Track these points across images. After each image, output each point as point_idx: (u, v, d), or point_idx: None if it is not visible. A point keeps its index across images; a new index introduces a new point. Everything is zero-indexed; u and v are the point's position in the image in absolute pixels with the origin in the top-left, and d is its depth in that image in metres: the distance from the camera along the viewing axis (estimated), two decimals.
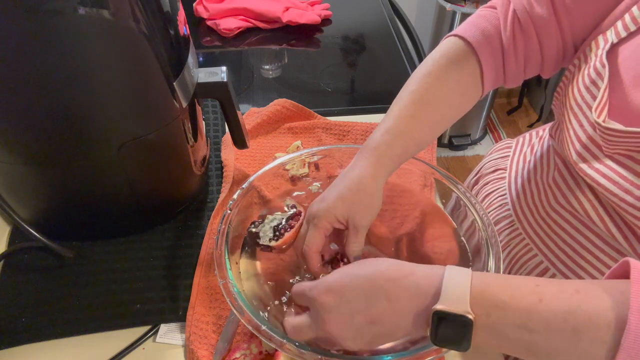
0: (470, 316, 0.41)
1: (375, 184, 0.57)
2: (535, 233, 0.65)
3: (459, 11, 1.93)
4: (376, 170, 0.57)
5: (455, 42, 0.60)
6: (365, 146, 0.58)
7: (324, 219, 0.55)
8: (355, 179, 0.56)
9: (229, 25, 1.14)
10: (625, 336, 0.35)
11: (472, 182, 0.86)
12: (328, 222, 0.55)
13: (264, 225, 0.64)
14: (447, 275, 0.43)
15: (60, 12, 0.45)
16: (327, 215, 0.55)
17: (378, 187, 0.57)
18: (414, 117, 0.58)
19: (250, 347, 0.57)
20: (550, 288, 0.40)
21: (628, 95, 0.48)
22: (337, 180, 0.58)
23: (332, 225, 0.56)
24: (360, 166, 0.57)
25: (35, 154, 0.56)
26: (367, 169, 0.56)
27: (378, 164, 0.57)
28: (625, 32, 0.50)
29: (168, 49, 0.56)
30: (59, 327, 0.59)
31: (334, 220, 0.55)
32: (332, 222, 0.55)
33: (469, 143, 2.29)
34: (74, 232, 0.69)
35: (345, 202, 0.55)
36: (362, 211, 0.56)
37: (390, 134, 0.57)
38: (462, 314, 0.41)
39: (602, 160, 0.51)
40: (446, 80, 0.59)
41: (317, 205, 0.56)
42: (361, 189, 0.56)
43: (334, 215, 0.55)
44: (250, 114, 0.89)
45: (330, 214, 0.55)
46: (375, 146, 0.57)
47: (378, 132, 0.58)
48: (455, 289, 0.42)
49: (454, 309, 0.41)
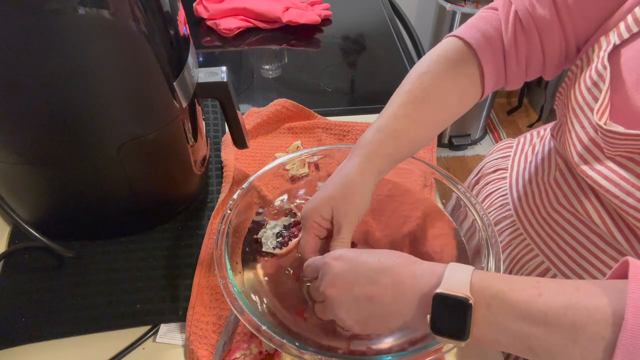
0: (470, 300, 0.41)
1: (362, 182, 0.56)
2: (536, 233, 0.64)
3: (459, 11, 1.93)
4: (364, 169, 0.56)
5: (454, 42, 0.60)
6: (357, 145, 0.58)
7: (310, 218, 0.55)
8: (342, 177, 0.56)
9: (229, 25, 1.14)
10: (622, 332, 0.36)
11: (473, 182, 0.85)
12: (315, 221, 0.55)
13: (265, 231, 0.64)
14: (450, 266, 0.44)
15: (60, 12, 0.45)
16: (313, 214, 0.55)
17: (365, 186, 0.56)
18: (407, 116, 0.58)
19: (250, 347, 0.57)
20: (550, 285, 0.41)
21: (630, 97, 0.48)
22: (328, 180, 0.58)
23: (320, 224, 0.56)
24: (350, 165, 0.57)
25: (35, 154, 0.56)
26: (355, 167, 0.56)
27: (367, 163, 0.57)
28: (628, 33, 0.50)
29: (168, 49, 0.56)
30: (59, 327, 0.59)
31: (320, 219, 0.55)
32: (319, 221, 0.55)
33: (469, 143, 2.29)
34: (74, 232, 0.69)
35: (330, 200, 0.55)
36: (347, 209, 0.55)
37: (381, 133, 0.57)
38: (462, 297, 0.41)
39: (603, 162, 0.51)
40: (443, 80, 0.59)
41: (305, 207, 0.57)
42: (347, 187, 0.55)
43: (319, 213, 0.55)
44: (250, 114, 0.89)
45: (316, 212, 0.55)
46: (365, 144, 0.57)
47: (369, 131, 0.58)
48: (457, 276, 0.43)
49: (455, 292, 0.42)
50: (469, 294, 0.41)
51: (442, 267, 0.45)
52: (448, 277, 0.43)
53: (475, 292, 0.42)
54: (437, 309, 0.42)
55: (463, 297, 0.41)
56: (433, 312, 0.42)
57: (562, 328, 0.38)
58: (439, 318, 0.42)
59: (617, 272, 0.41)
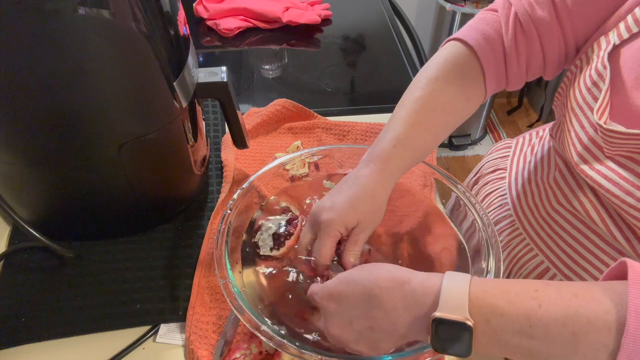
0: (470, 323, 0.41)
1: (385, 195, 0.57)
2: (535, 233, 0.64)
3: (459, 11, 1.93)
4: (387, 181, 0.57)
5: (457, 46, 0.60)
6: (375, 154, 0.57)
7: (336, 228, 0.54)
8: (367, 190, 0.56)
9: (229, 25, 1.14)
10: (624, 338, 0.35)
11: (472, 182, 0.85)
12: (339, 230, 0.55)
13: (261, 233, 0.63)
14: (445, 283, 0.43)
15: (60, 12, 0.45)
16: (339, 224, 0.54)
17: (387, 198, 0.58)
18: (421, 124, 0.58)
19: (250, 347, 0.57)
20: (549, 293, 0.40)
21: (629, 97, 0.48)
22: (344, 186, 0.57)
23: (342, 233, 0.56)
24: (371, 176, 0.56)
25: (35, 154, 0.56)
26: (379, 179, 0.56)
27: (389, 175, 0.57)
28: (628, 33, 0.50)
29: (168, 49, 0.56)
30: (59, 327, 0.59)
31: (344, 229, 0.55)
32: (342, 231, 0.55)
33: (469, 143, 2.29)
34: (74, 232, 0.69)
35: (357, 212, 0.55)
36: (371, 221, 0.56)
37: (402, 145, 0.57)
38: (461, 321, 0.41)
39: (603, 162, 0.51)
40: (451, 85, 0.59)
41: (327, 214, 0.55)
42: (373, 201, 0.56)
43: (345, 223, 0.55)
44: (250, 114, 0.89)
45: (342, 222, 0.54)
46: (387, 157, 0.57)
47: (387, 140, 0.57)
48: (454, 296, 0.42)
49: (453, 317, 0.41)
50: (467, 316, 0.41)
51: (435, 281, 0.44)
52: (444, 297, 0.42)
53: (474, 311, 0.41)
54: (437, 331, 0.42)
55: (462, 320, 0.41)
56: (433, 334, 0.42)
57: (563, 339, 0.38)
58: (440, 339, 0.42)
59: (613, 273, 0.41)
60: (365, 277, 0.47)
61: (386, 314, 0.45)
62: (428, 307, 0.43)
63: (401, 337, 0.46)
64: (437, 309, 0.42)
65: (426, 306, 0.43)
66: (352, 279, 0.48)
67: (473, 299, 0.41)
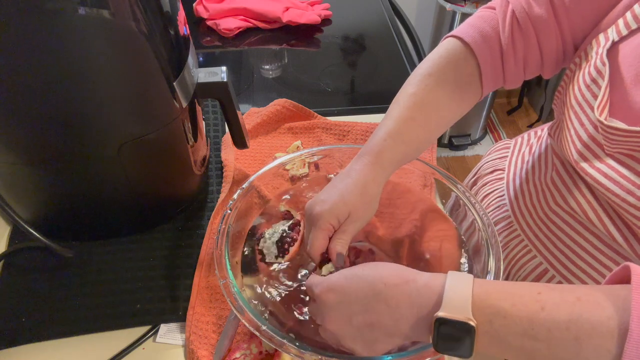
0: (472, 323, 0.40)
1: (377, 188, 0.57)
2: (533, 234, 0.64)
3: (459, 11, 1.93)
4: (378, 174, 0.57)
5: (453, 43, 0.60)
6: (367, 149, 0.58)
7: (327, 220, 0.55)
8: (358, 182, 0.56)
9: (229, 25, 1.14)
10: (627, 344, 0.35)
11: (471, 183, 0.85)
12: (330, 223, 0.55)
13: (265, 241, 0.63)
14: (449, 282, 0.43)
15: (60, 12, 0.45)
16: (330, 216, 0.55)
17: (378, 191, 0.57)
18: (414, 120, 0.58)
19: (250, 347, 0.57)
20: (552, 296, 0.40)
21: (629, 94, 0.48)
22: (336, 182, 0.57)
23: (334, 225, 0.56)
24: (362, 169, 0.57)
25: (35, 154, 0.56)
26: (370, 172, 0.56)
27: (380, 168, 0.57)
28: (627, 30, 0.50)
29: (168, 49, 0.56)
30: (59, 327, 0.59)
31: (336, 221, 0.55)
32: (334, 223, 0.55)
33: (469, 143, 2.29)
34: (74, 232, 0.69)
35: (347, 204, 0.55)
36: (362, 214, 0.56)
37: (392, 139, 0.57)
38: (464, 320, 0.41)
39: (603, 160, 0.51)
40: (446, 82, 0.59)
41: (320, 207, 0.55)
42: (364, 192, 0.56)
43: (336, 216, 0.55)
44: (250, 114, 0.89)
45: (333, 214, 0.55)
46: (378, 150, 0.57)
47: (379, 135, 0.58)
48: (457, 296, 0.42)
49: (456, 316, 0.41)
50: (470, 316, 0.41)
51: (439, 281, 0.44)
52: (448, 296, 0.42)
53: (476, 312, 0.41)
54: (439, 331, 0.42)
55: (465, 320, 0.41)
56: (435, 334, 0.42)
57: (566, 342, 0.38)
58: (441, 339, 0.42)
59: (616, 277, 0.41)
60: (370, 273, 0.47)
61: (390, 310, 0.45)
62: (431, 307, 0.43)
63: (401, 336, 0.46)
64: (440, 308, 0.42)
65: (429, 306, 0.43)
66: (356, 274, 0.48)
67: (476, 300, 0.41)
